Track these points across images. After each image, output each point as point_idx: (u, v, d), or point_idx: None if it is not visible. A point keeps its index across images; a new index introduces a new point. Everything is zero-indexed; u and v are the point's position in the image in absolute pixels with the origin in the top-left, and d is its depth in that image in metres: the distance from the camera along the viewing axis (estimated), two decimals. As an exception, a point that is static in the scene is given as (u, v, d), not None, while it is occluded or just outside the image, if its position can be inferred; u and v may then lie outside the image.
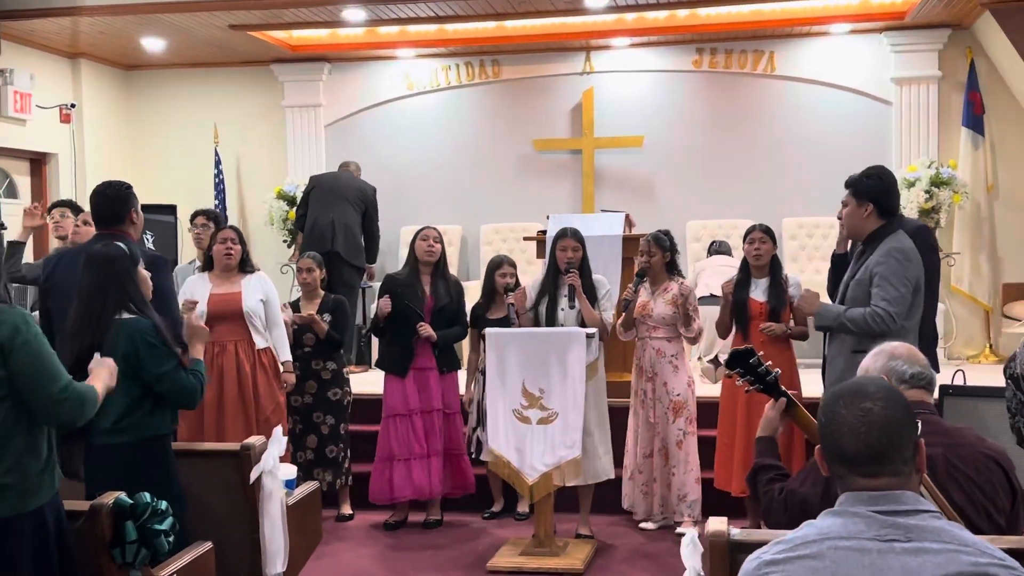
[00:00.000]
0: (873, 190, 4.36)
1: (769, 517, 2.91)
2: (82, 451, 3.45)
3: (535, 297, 5.64)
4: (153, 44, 8.96)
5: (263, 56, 9.41)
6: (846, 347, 4.40)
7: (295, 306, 6.18)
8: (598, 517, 5.87)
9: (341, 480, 6.11)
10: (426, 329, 5.81)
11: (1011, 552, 2.34)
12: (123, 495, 2.92)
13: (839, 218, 4.60)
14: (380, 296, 6.02)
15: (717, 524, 2.47)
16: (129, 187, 4.37)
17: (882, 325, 4.21)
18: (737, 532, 2.46)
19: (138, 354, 3.50)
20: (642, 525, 5.83)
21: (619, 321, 5.77)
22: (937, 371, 4.69)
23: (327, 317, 6.03)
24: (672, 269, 5.80)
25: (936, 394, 4.41)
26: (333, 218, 8.02)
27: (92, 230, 5.40)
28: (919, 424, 1.95)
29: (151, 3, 7.82)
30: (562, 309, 5.53)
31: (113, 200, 4.31)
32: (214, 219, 6.43)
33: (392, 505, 6.04)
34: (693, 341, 5.88)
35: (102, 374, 3.11)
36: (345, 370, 6.18)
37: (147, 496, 2.92)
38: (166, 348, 3.58)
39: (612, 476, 5.63)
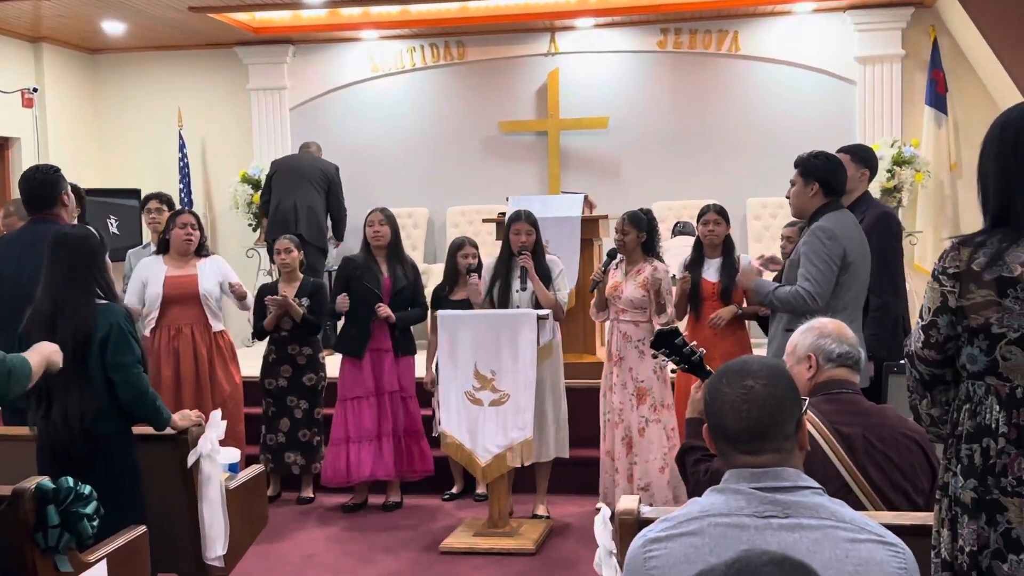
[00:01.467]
0: (820, 170, 4.38)
1: (696, 496, 2.93)
2: (88, 442, 3.46)
3: (488, 280, 5.62)
4: (114, 27, 8.89)
5: (226, 38, 9.34)
6: (781, 326, 4.42)
7: (274, 288, 6.14)
8: (558, 498, 5.89)
9: (316, 465, 6.10)
10: (384, 310, 5.79)
11: (916, 528, 2.38)
12: (46, 480, 2.91)
13: (787, 197, 4.61)
14: (338, 280, 6.00)
15: (628, 502, 2.48)
16: (57, 170, 4.36)
17: (804, 305, 4.21)
18: (647, 510, 2.47)
19: (110, 338, 3.47)
20: (598, 505, 5.82)
21: (592, 302, 5.73)
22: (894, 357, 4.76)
23: (305, 301, 6.00)
24: (649, 251, 5.62)
25: (873, 372, 4.48)
26: (295, 201, 8.03)
27: (15, 220, 5.39)
28: (804, 401, 1.96)
29: (109, -15, 7.75)
30: (517, 292, 5.52)
31: (41, 184, 4.31)
32: (167, 202, 6.40)
33: (351, 488, 6.05)
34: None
35: (43, 349, 3.08)
36: (321, 355, 6.16)
37: (70, 480, 2.91)
38: (134, 339, 3.57)
39: (565, 455, 5.63)
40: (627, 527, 2.42)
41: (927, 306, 2.26)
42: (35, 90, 9.12)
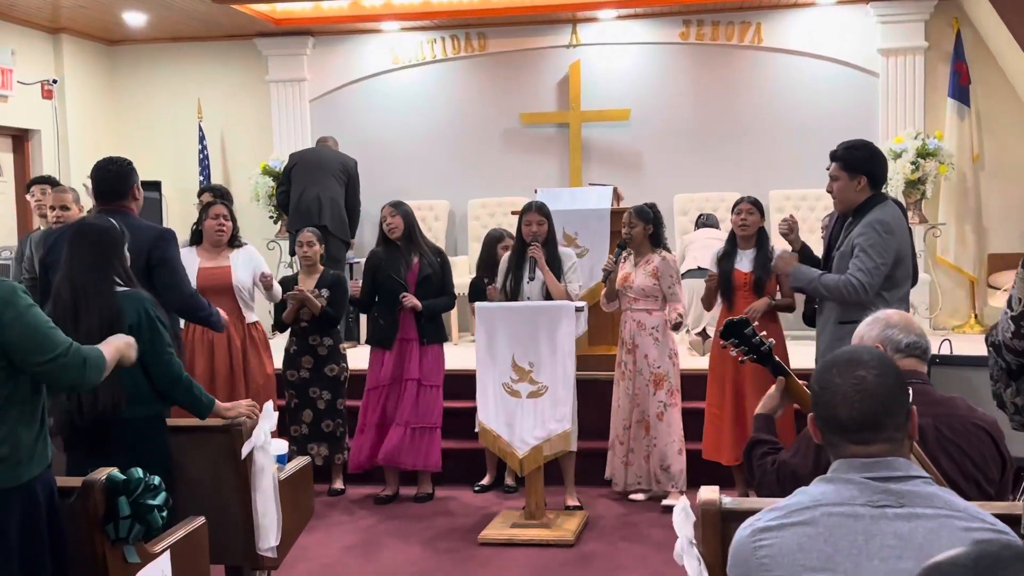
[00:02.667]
0: (865, 162, 4.34)
1: (763, 489, 2.94)
2: (113, 426, 3.45)
3: (503, 272, 5.65)
4: (135, 18, 8.87)
5: (247, 30, 9.32)
6: (832, 318, 4.40)
7: (294, 280, 6.16)
8: (583, 489, 5.90)
9: (341, 456, 6.12)
10: (410, 299, 5.80)
11: (1002, 517, 2.38)
12: (115, 471, 2.91)
13: (829, 191, 4.57)
14: (365, 273, 6.03)
15: (709, 493, 2.48)
16: (130, 163, 4.37)
17: (854, 294, 4.20)
18: (729, 501, 2.47)
19: (140, 325, 3.47)
20: (631, 496, 5.86)
21: (602, 292, 5.82)
22: None
23: (325, 292, 6.01)
24: (656, 242, 5.78)
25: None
26: (318, 193, 8.07)
27: (72, 213, 5.39)
28: (910, 392, 1.96)
29: (132, -24, 7.74)
30: (527, 282, 5.55)
31: (115, 176, 4.31)
32: (222, 196, 6.41)
33: (381, 478, 6.06)
34: (676, 328, 5.73)
35: (117, 342, 3.09)
36: (342, 346, 6.18)
37: (139, 471, 2.91)
38: (163, 325, 3.57)
39: (574, 448, 5.61)
40: (709, 518, 2.42)
41: (1017, 296, 2.26)
42: (55, 82, 9.12)
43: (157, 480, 2.95)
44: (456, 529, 5.49)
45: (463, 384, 6.13)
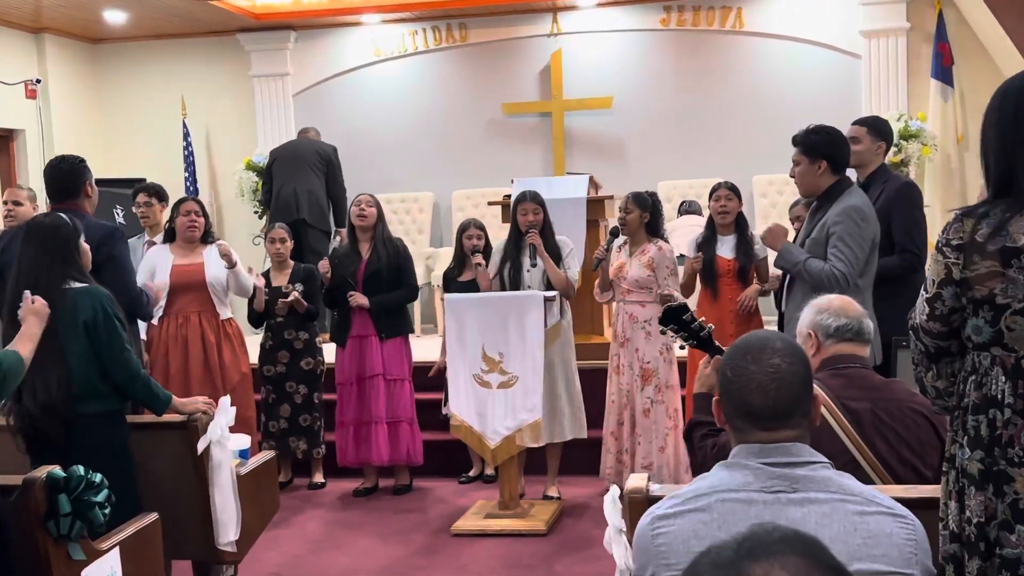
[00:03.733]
0: (824, 146, 4.31)
1: (703, 472, 2.93)
2: (68, 420, 3.45)
3: (499, 262, 5.64)
4: (115, 16, 8.88)
5: (228, 25, 9.32)
6: (802, 304, 4.36)
7: (266, 275, 6.17)
8: (570, 478, 5.90)
9: (319, 449, 6.15)
10: (355, 298, 5.82)
11: (924, 501, 2.38)
12: (57, 468, 2.92)
13: (791, 176, 4.55)
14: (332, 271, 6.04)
15: (636, 481, 2.49)
16: (82, 161, 4.35)
17: (836, 285, 4.16)
18: (657, 487, 2.47)
19: (96, 321, 3.48)
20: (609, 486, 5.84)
21: (596, 282, 5.75)
22: None
23: (299, 287, 6.02)
24: (653, 231, 5.64)
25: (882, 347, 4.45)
26: (295, 187, 8.11)
27: (25, 210, 5.38)
28: (844, 378, 1.96)
29: (110, -26, 7.74)
30: (527, 271, 5.53)
31: (67, 174, 4.30)
32: (156, 194, 6.35)
33: (361, 472, 6.08)
34: (662, 302, 5.72)
35: (29, 331, 3.09)
36: (318, 339, 6.19)
37: (80, 469, 2.92)
38: (119, 322, 3.58)
39: (582, 436, 5.62)
40: (636, 505, 2.42)
41: (931, 278, 2.25)
42: (38, 81, 9.13)
43: (99, 477, 2.95)
44: (431, 521, 5.50)
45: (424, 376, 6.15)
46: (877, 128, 4.88)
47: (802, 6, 8.78)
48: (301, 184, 8.12)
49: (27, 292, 3.26)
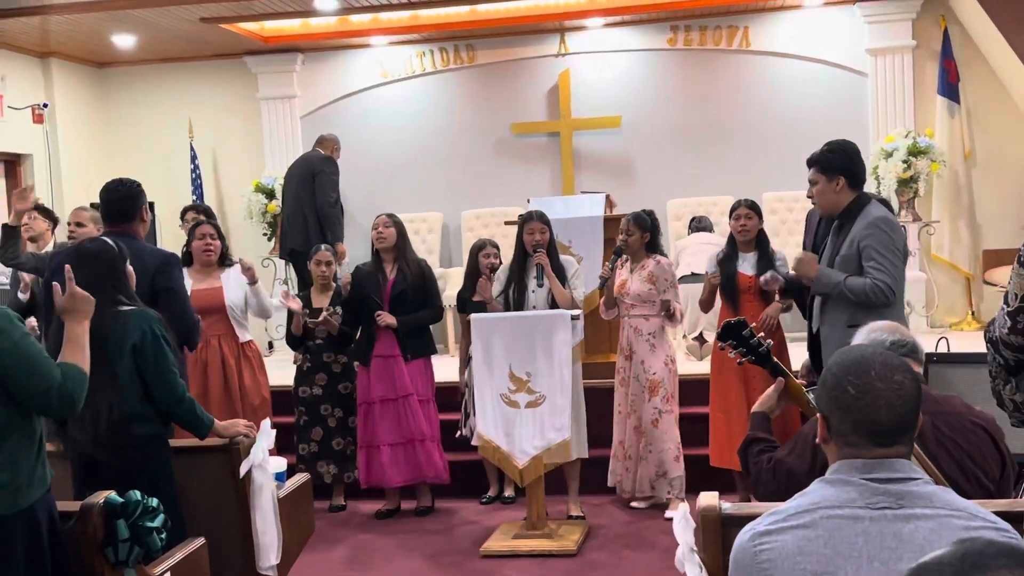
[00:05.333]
0: (840, 163, 4.33)
1: (758, 487, 2.94)
2: (115, 445, 3.42)
3: (504, 281, 5.65)
4: (124, 40, 8.88)
5: (235, 48, 9.34)
6: (840, 322, 4.33)
7: (307, 299, 6.15)
8: (585, 498, 5.89)
9: (349, 474, 6.09)
10: (383, 317, 5.80)
11: (1000, 515, 2.37)
12: (113, 494, 2.90)
13: (809, 196, 4.56)
14: (352, 291, 6.03)
15: (708, 499, 2.48)
16: (138, 185, 4.31)
17: (882, 297, 4.18)
18: (728, 506, 2.47)
19: (145, 344, 3.46)
20: (632, 504, 5.85)
21: (601, 300, 5.82)
22: None
23: (338, 309, 6.01)
24: (652, 249, 5.79)
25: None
26: (289, 211, 8.15)
27: (88, 231, 5.36)
28: None
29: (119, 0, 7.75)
30: (532, 291, 5.55)
31: (124, 198, 4.26)
32: (204, 212, 6.38)
33: (382, 493, 6.04)
34: (670, 319, 5.74)
35: (79, 340, 3.02)
36: (355, 364, 6.15)
37: (137, 494, 2.90)
38: (168, 345, 3.55)
39: (585, 455, 5.62)
40: (709, 524, 2.42)
41: (1013, 292, 2.26)
42: (45, 106, 9.12)
43: (155, 502, 2.93)
44: (458, 541, 5.48)
45: (446, 396, 6.16)
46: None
47: (808, 25, 8.85)
48: (294, 207, 8.12)
49: (55, 284, 3.16)
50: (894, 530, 1.74)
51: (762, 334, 2.91)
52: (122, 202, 4.27)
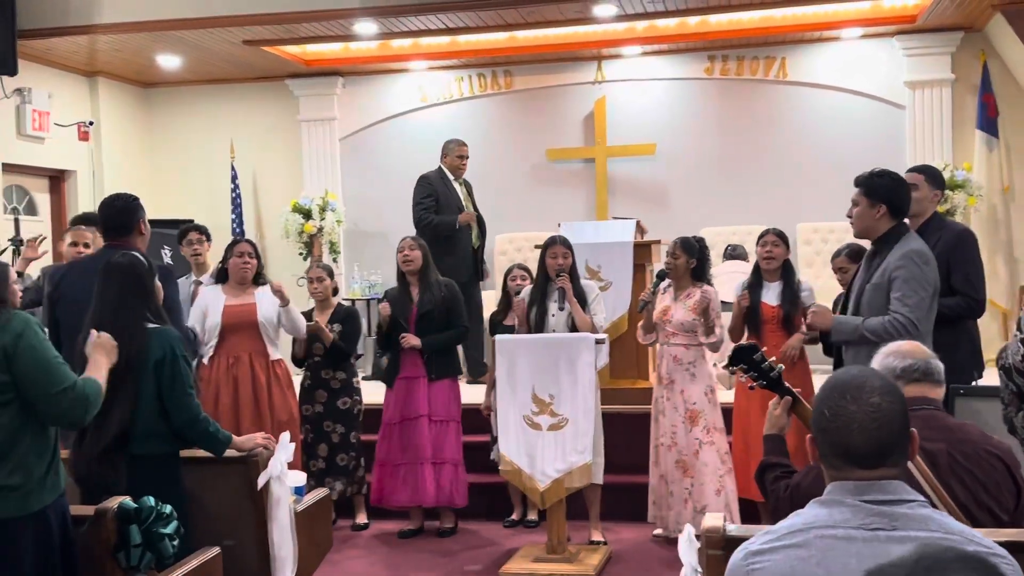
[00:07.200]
0: (885, 190, 4.30)
1: (777, 515, 2.90)
2: (122, 462, 3.44)
3: (526, 305, 5.66)
4: (169, 61, 9.07)
5: (278, 71, 9.49)
6: (861, 356, 4.30)
7: (308, 316, 6.23)
8: (609, 524, 5.85)
9: (354, 488, 6.13)
10: (407, 340, 5.85)
11: (1009, 545, 2.34)
12: (127, 499, 2.94)
13: (848, 216, 4.55)
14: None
15: (712, 520, 2.47)
16: (136, 199, 4.41)
17: (903, 332, 4.11)
18: (733, 528, 2.46)
19: (164, 362, 3.51)
20: (655, 532, 5.79)
21: (639, 324, 5.76)
22: (980, 375, 4.70)
23: (337, 327, 6.06)
24: (698, 276, 5.66)
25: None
26: None
27: (88, 251, 5.44)
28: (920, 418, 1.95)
29: (167, 20, 7.91)
30: (552, 315, 5.55)
31: (121, 211, 4.36)
32: (205, 233, 6.47)
33: (405, 514, 6.06)
34: (713, 348, 5.66)
35: (101, 361, 3.12)
36: (355, 380, 6.21)
37: (151, 500, 2.94)
38: (187, 364, 3.60)
39: (599, 481, 5.52)
40: (713, 545, 2.41)
41: (1025, 320, 2.24)
42: (91, 124, 9.31)
43: (168, 509, 2.98)
44: (479, 563, 5.47)
45: (473, 418, 6.16)
46: (933, 176, 4.87)
47: (846, 56, 8.82)
48: None
49: (93, 330, 3.28)
50: (888, 551, 1.73)
51: (774, 358, 2.90)
52: (120, 215, 4.35)
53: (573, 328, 5.48)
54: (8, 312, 2.80)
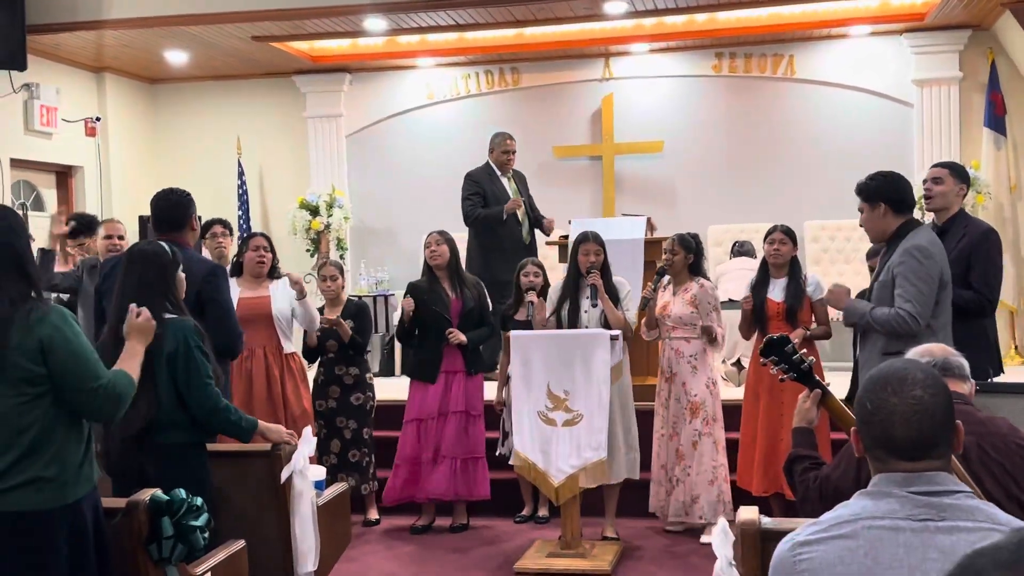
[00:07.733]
0: (879, 189, 4.35)
1: (805, 505, 2.92)
2: (151, 451, 3.45)
3: (556, 301, 5.68)
4: (176, 57, 9.06)
5: (285, 67, 9.49)
6: (876, 349, 4.34)
7: (320, 312, 6.23)
8: (624, 520, 5.87)
9: (368, 486, 6.14)
10: (456, 335, 5.87)
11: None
12: (159, 491, 2.95)
13: (861, 225, 4.58)
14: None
15: (748, 513, 2.48)
16: (188, 194, 4.39)
17: (905, 326, 4.16)
18: (768, 521, 2.47)
19: (177, 354, 3.50)
20: (667, 528, 5.83)
21: (642, 321, 5.80)
22: (999, 372, 4.74)
23: (350, 322, 6.08)
24: (695, 271, 5.80)
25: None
26: None
27: (122, 243, 5.46)
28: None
29: (175, 16, 7.91)
30: (585, 311, 5.58)
31: (175, 206, 4.33)
32: (228, 226, 6.50)
33: (416, 509, 6.07)
34: (710, 343, 5.72)
35: (136, 346, 3.12)
36: (368, 376, 6.22)
37: (183, 492, 2.95)
38: (203, 354, 3.58)
39: (636, 477, 5.62)
40: (748, 538, 2.42)
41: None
42: (98, 119, 9.31)
43: (200, 501, 2.99)
44: (492, 559, 5.48)
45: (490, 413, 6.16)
46: (957, 171, 4.94)
47: (854, 54, 8.84)
48: None
49: (132, 305, 3.27)
50: (936, 542, 1.75)
51: (804, 350, 2.91)
52: (173, 210, 4.34)
53: (606, 324, 5.50)
54: (47, 304, 2.81)
